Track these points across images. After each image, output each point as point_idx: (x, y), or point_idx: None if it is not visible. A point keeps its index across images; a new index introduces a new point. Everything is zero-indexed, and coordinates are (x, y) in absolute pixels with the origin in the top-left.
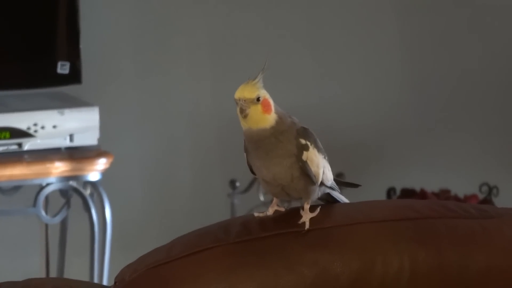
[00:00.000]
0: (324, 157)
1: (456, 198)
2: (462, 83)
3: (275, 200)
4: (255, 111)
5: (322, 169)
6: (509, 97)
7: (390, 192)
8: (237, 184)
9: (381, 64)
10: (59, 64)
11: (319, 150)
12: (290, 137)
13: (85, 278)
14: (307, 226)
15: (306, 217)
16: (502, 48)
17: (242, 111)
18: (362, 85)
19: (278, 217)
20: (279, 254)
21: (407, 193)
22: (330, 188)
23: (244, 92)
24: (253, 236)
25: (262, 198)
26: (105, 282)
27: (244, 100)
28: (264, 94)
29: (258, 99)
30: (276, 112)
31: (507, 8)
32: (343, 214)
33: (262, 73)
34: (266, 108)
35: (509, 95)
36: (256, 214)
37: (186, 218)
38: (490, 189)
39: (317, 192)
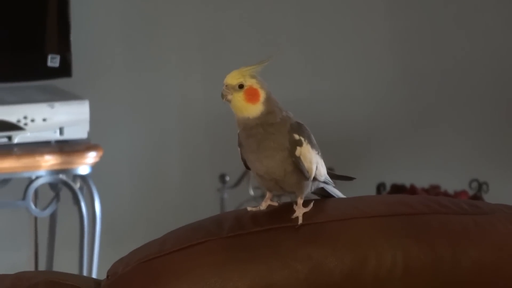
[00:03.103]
0: (318, 153)
1: (446, 194)
2: (451, 79)
3: (268, 194)
4: (236, 98)
5: (315, 164)
6: (498, 94)
7: (380, 187)
8: (227, 178)
9: (371, 60)
10: (49, 57)
11: (312, 146)
12: (282, 131)
13: (74, 271)
14: (300, 221)
15: (299, 212)
16: (490, 45)
17: (222, 96)
18: (352, 80)
19: (271, 212)
20: (272, 249)
21: (397, 189)
22: (324, 182)
23: (229, 78)
24: (246, 230)
25: (252, 192)
26: (94, 275)
27: (226, 86)
28: (252, 83)
29: (241, 87)
30: (267, 104)
31: (493, 5)
32: (337, 209)
33: (259, 64)
34: (250, 97)
35: (498, 91)
36: (249, 209)
37: (175, 212)
38: (480, 185)
39: (310, 187)
